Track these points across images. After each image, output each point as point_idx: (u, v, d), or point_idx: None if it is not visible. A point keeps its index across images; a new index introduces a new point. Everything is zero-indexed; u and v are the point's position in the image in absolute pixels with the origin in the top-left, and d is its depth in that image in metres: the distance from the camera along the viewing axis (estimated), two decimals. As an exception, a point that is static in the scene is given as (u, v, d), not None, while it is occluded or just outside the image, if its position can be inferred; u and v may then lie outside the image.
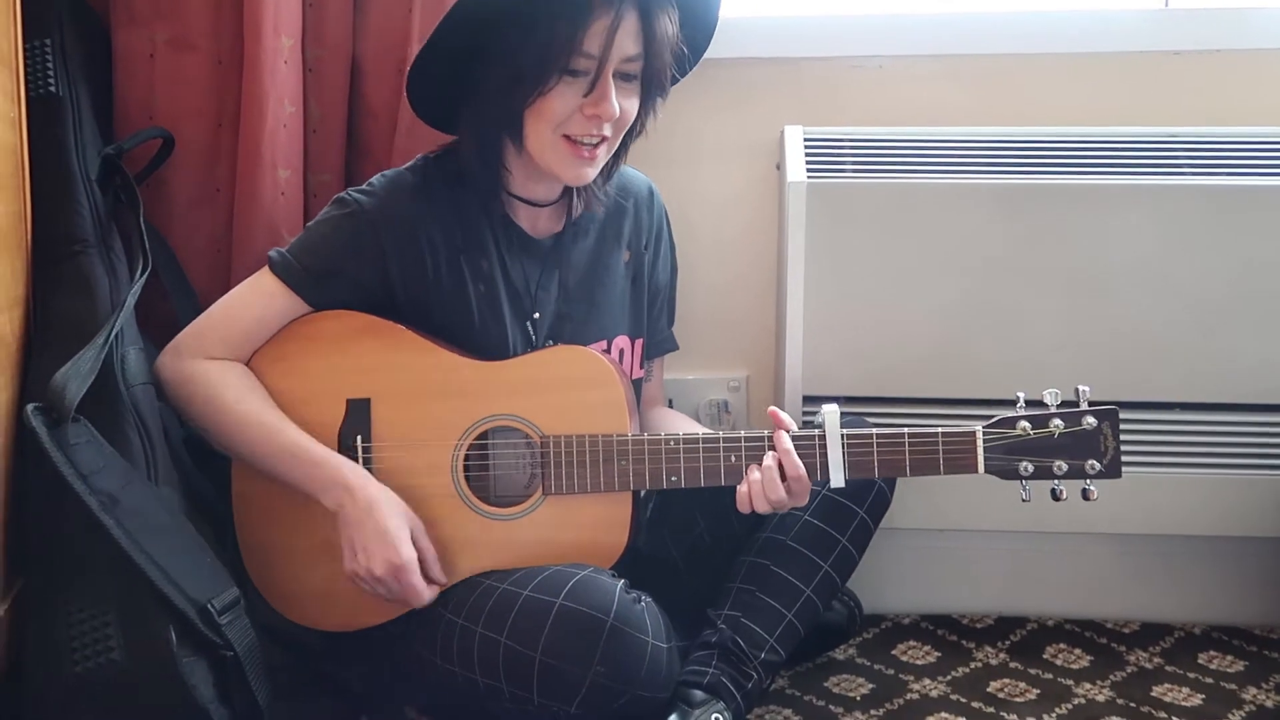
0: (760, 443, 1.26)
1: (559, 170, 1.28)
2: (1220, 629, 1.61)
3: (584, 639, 1.16)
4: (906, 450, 1.23)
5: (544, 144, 1.27)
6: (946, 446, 1.23)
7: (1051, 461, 1.22)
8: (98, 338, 1.23)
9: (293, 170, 1.52)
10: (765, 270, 1.67)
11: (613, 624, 1.16)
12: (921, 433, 1.23)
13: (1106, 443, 1.21)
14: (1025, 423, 1.22)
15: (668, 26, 1.26)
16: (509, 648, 1.19)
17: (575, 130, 1.26)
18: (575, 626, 1.17)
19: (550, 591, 1.20)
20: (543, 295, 1.37)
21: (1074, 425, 1.21)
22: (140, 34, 1.50)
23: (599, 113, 1.24)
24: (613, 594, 1.19)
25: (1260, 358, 1.49)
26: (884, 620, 1.64)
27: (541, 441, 1.28)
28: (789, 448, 1.23)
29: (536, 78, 1.23)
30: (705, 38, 1.36)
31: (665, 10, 1.25)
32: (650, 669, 1.19)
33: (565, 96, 1.24)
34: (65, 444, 1.14)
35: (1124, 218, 1.48)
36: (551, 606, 1.18)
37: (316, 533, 1.29)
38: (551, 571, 1.23)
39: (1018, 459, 1.22)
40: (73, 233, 1.34)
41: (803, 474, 1.23)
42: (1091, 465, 1.21)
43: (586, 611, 1.17)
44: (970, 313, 1.51)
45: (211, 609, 1.15)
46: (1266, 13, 1.61)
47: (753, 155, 1.65)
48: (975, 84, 1.62)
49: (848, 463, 1.24)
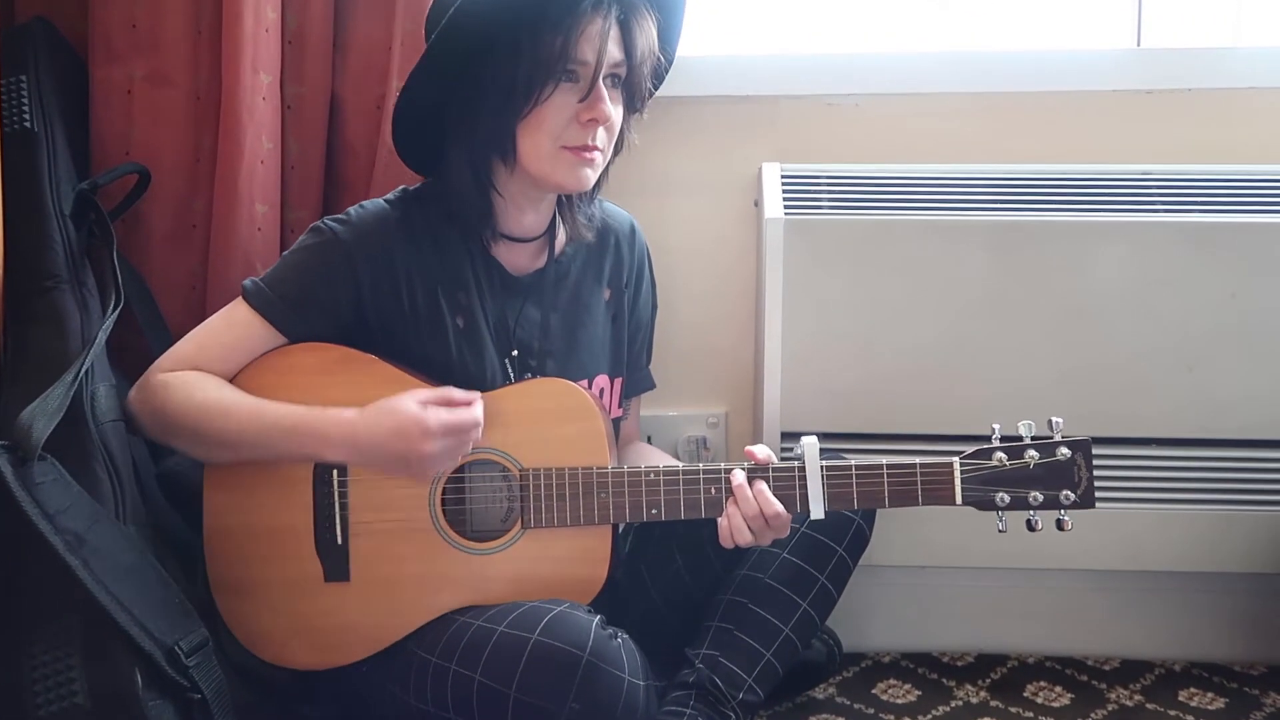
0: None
1: (562, 179, 1.28)
2: (1200, 665, 1.61)
3: (559, 675, 1.15)
4: (885, 481, 1.23)
5: (543, 156, 1.27)
6: (925, 477, 1.23)
7: (1027, 492, 1.22)
8: (67, 374, 1.21)
9: (270, 206, 1.52)
10: (744, 306, 1.67)
11: (588, 660, 1.15)
12: (900, 464, 1.23)
13: (1080, 473, 1.22)
14: (1001, 454, 1.23)
15: (650, 33, 1.27)
16: (483, 685, 1.17)
17: (572, 140, 1.26)
18: (551, 663, 1.15)
19: (525, 628, 1.18)
20: (522, 333, 1.37)
21: (1049, 456, 1.22)
22: (118, 69, 1.50)
23: (595, 115, 1.25)
24: (589, 630, 1.17)
25: (1240, 394, 1.49)
26: (864, 658, 1.63)
27: (520, 474, 1.27)
28: (763, 488, 1.23)
29: (530, 88, 1.23)
30: (671, 53, 1.36)
31: (647, 19, 1.27)
32: (626, 706, 1.17)
33: (559, 105, 1.24)
34: (30, 483, 1.12)
35: (1101, 254, 1.48)
36: (526, 643, 1.16)
37: (290, 569, 1.28)
38: (527, 608, 1.21)
39: (994, 490, 1.22)
40: (45, 268, 1.33)
41: (779, 510, 1.22)
42: (1066, 495, 1.22)
43: (562, 647, 1.15)
44: (948, 349, 1.51)
45: (179, 650, 1.13)
46: (1236, 53, 1.63)
47: (731, 192, 1.66)
48: (951, 122, 1.64)
49: (827, 494, 1.23)
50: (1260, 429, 1.50)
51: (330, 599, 1.28)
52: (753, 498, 1.22)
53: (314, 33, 1.53)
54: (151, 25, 1.50)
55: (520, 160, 1.28)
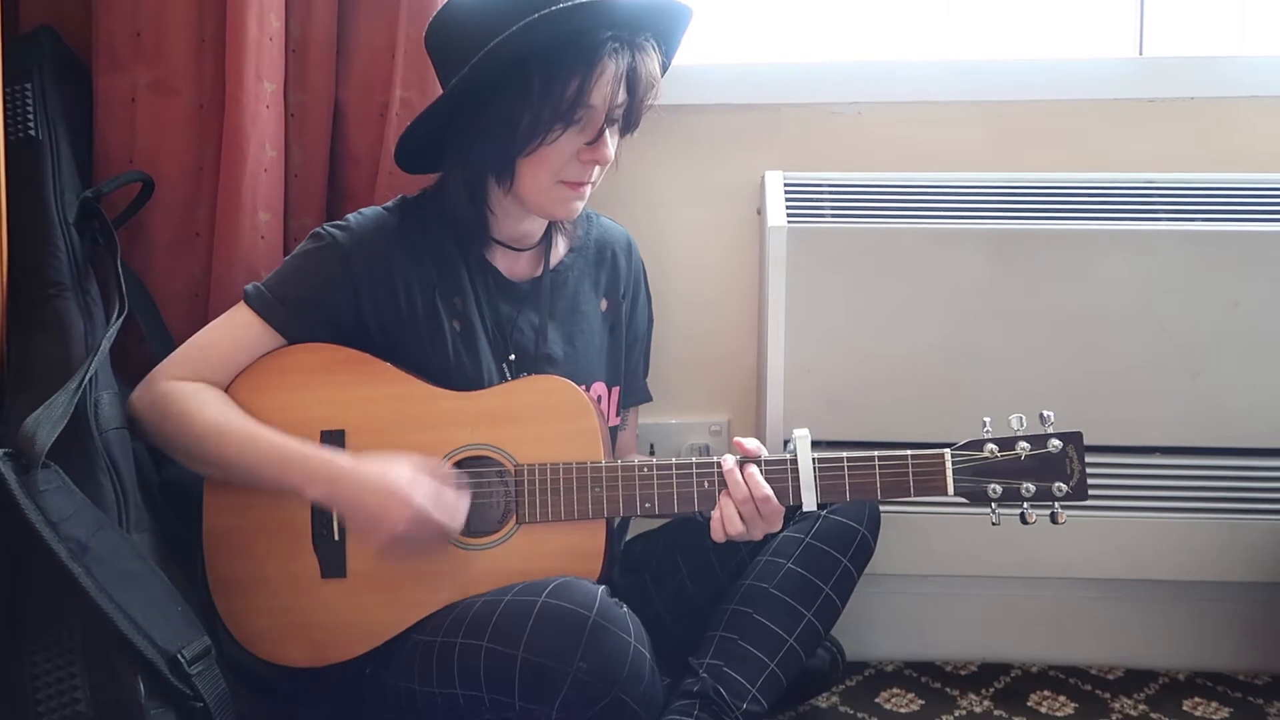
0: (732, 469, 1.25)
1: (554, 210, 1.32)
2: (1204, 675, 1.60)
3: (566, 634, 1.15)
4: (877, 472, 1.23)
5: (541, 189, 1.30)
6: (916, 468, 1.23)
7: (1019, 484, 1.22)
8: (70, 382, 1.21)
9: (273, 214, 1.52)
10: (746, 314, 1.67)
11: (595, 620, 1.15)
12: (891, 455, 1.24)
13: (1072, 465, 1.22)
14: (992, 445, 1.23)
15: (654, 71, 1.29)
16: (490, 651, 1.17)
17: (572, 175, 1.30)
18: (558, 622, 1.16)
19: (532, 592, 1.19)
20: (519, 337, 1.37)
21: (1040, 448, 1.22)
22: (122, 78, 1.50)
23: (597, 159, 1.28)
24: (595, 593, 1.18)
25: (1243, 402, 1.49)
26: (867, 667, 1.63)
27: (515, 470, 1.27)
28: (753, 471, 1.23)
29: (537, 129, 1.25)
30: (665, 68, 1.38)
31: (655, 60, 1.29)
32: (632, 671, 1.16)
33: (563, 146, 1.27)
34: (34, 490, 1.12)
35: (1104, 262, 1.49)
36: (534, 605, 1.17)
37: (287, 565, 1.28)
38: (534, 581, 1.22)
39: (986, 481, 1.23)
40: (48, 276, 1.33)
41: (769, 494, 1.22)
42: (1059, 487, 1.22)
43: (569, 607, 1.16)
44: (951, 357, 1.51)
45: (181, 659, 1.13)
46: (1238, 62, 1.64)
47: (734, 200, 1.66)
48: (954, 130, 1.64)
49: (819, 486, 1.23)
50: (1264, 437, 1.50)
51: (326, 595, 1.28)
52: (743, 481, 1.23)
53: (317, 40, 1.53)
54: (155, 34, 1.50)
55: (517, 189, 1.31)
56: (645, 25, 1.28)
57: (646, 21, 1.28)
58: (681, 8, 1.31)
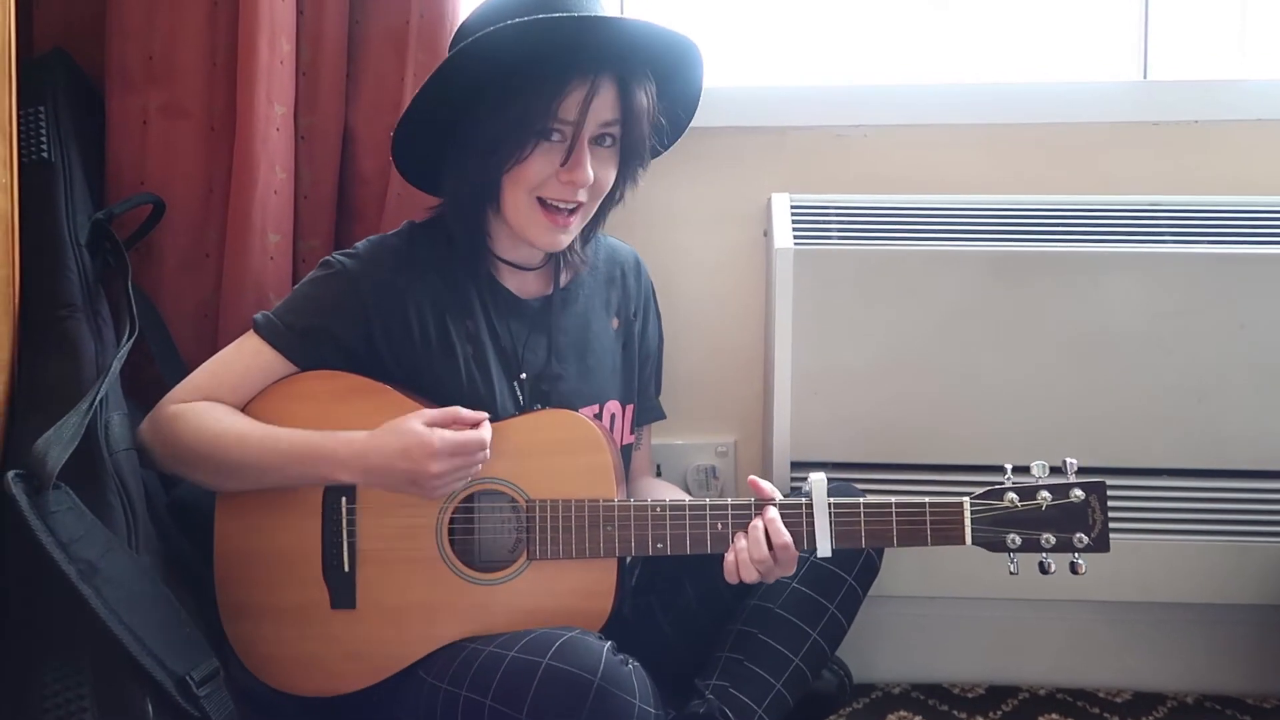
0: (747, 511, 1.25)
1: (533, 236, 1.31)
2: (1213, 698, 1.60)
3: (570, 699, 1.14)
4: (894, 521, 1.22)
5: (519, 208, 1.30)
6: (934, 518, 1.22)
7: (1039, 534, 1.21)
8: (81, 403, 1.22)
9: (283, 235, 1.53)
10: (753, 335, 1.67)
11: (600, 685, 1.14)
12: (909, 504, 1.22)
13: (1094, 516, 1.20)
14: (1013, 494, 1.21)
15: (644, 98, 1.29)
16: (493, 709, 1.17)
17: (551, 194, 1.29)
18: (562, 687, 1.14)
19: (537, 652, 1.17)
20: (530, 356, 1.37)
21: (1061, 498, 1.20)
22: (134, 100, 1.52)
23: (574, 179, 1.27)
24: (600, 654, 1.16)
25: (1251, 424, 1.49)
26: (874, 689, 1.62)
27: (527, 505, 1.27)
28: (774, 517, 1.23)
29: (512, 145, 1.25)
30: (688, 113, 1.40)
31: (642, 84, 1.29)
32: None
33: (540, 163, 1.27)
34: (45, 511, 1.12)
35: (1110, 285, 1.49)
36: (538, 667, 1.16)
37: (297, 594, 1.28)
38: (538, 633, 1.21)
39: (1005, 531, 1.21)
40: (60, 297, 1.34)
41: (788, 541, 1.22)
42: (1079, 538, 1.20)
43: (573, 671, 1.15)
44: (958, 378, 1.51)
45: (190, 681, 1.13)
46: (1243, 85, 1.64)
47: (740, 222, 1.67)
48: (960, 153, 1.65)
49: (834, 532, 1.23)
50: (1271, 460, 1.50)
51: (336, 626, 1.28)
52: (762, 539, 1.22)
53: (327, 64, 1.55)
54: (167, 57, 1.52)
55: (502, 209, 1.31)
56: (638, 52, 1.27)
57: (639, 49, 1.27)
58: (678, 38, 1.30)
